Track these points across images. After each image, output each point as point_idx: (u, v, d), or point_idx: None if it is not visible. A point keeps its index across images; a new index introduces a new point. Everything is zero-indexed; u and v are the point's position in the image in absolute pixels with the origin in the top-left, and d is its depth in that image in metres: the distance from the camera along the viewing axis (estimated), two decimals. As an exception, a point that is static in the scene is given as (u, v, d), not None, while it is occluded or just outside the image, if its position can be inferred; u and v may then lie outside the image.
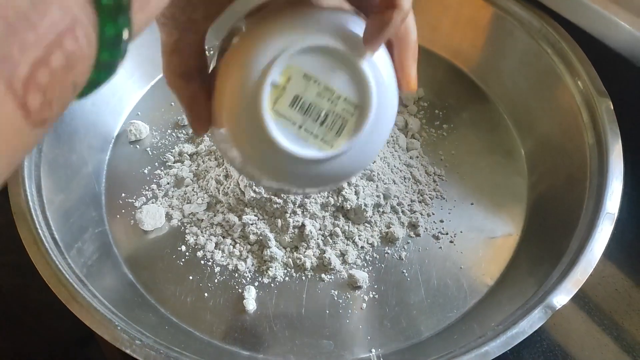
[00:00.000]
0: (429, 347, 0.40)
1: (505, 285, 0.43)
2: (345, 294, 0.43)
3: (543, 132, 0.51)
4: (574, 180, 0.45)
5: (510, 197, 0.49)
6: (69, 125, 0.47)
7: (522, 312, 0.36)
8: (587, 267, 0.37)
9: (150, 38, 0.55)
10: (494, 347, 0.34)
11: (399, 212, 0.46)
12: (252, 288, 0.43)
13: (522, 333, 0.34)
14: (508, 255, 0.45)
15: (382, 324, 0.41)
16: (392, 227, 0.45)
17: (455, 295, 0.43)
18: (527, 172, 0.50)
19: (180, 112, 0.53)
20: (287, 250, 0.45)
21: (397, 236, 0.45)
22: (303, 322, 0.41)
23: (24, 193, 0.40)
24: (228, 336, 0.41)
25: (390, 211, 0.46)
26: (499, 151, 0.52)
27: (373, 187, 0.45)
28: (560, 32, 0.50)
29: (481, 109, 0.55)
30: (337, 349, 0.40)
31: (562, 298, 0.36)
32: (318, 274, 0.44)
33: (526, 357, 0.41)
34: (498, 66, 0.55)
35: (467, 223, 0.47)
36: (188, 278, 0.43)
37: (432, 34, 0.59)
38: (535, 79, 0.52)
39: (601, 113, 0.45)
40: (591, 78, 0.47)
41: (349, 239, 0.45)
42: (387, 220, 0.46)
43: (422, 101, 0.55)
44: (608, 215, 0.39)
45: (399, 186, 0.47)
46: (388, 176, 0.46)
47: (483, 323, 0.40)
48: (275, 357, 0.40)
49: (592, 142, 0.45)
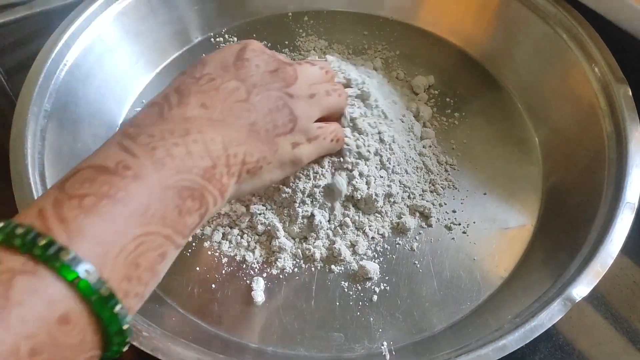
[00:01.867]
0: (442, 340, 0.39)
1: (519, 277, 0.42)
2: (356, 286, 0.42)
3: (558, 120, 0.49)
4: (591, 169, 0.44)
5: (524, 187, 0.48)
6: (73, 114, 0.46)
7: (540, 304, 0.35)
8: (607, 258, 0.36)
9: (154, 24, 0.55)
10: (512, 340, 0.33)
11: (411, 201, 0.45)
12: (260, 279, 0.42)
13: (541, 326, 0.33)
14: (522, 246, 0.44)
15: (394, 317, 0.40)
16: (403, 217, 0.44)
17: (469, 287, 0.42)
18: (541, 161, 0.49)
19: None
20: (296, 241, 0.44)
21: (409, 227, 0.44)
22: (313, 314, 0.41)
23: (28, 182, 0.39)
24: (236, 328, 0.40)
25: (401, 201, 0.45)
26: (512, 140, 0.51)
27: (385, 176, 0.44)
28: (576, 17, 0.48)
29: (493, 97, 0.54)
30: (347, 341, 0.39)
31: (582, 289, 0.35)
32: (328, 265, 0.43)
33: (542, 351, 0.40)
34: (511, 53, 0.54)
35: (480, 213, 0.46)
36: (195, 269, 0.42)
37: (442, 20, 0.58)
38: (550, 65, 0.51)
39: (619, 99, 0.43)
40: (609, 64, 0.45)
41: (359, 229, 0.44)
42: (398, 210, 0.45)
43: (433, 89, 0.54)
44: (628, 205, 0.38)
45: (411, 176, 0.46)
46: (402, 166, 0.45)
47: (498, 316, 0.38)
48: (284, 349, 0.39)
49: (610, 130, 0.43)
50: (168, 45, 0.56)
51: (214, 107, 0.32)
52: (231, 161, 0.31)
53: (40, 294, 0.22)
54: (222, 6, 0.58)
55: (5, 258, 0.23)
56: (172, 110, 0.31)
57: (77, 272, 0.23)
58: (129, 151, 0.28)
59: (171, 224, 0.28)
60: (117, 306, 0.24)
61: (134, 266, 0.25)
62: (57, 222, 0.24)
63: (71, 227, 0.24)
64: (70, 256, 0.23)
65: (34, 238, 0.23)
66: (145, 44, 0.54)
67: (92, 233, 0.24)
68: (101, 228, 0.24)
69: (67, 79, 0.46)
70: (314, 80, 0.37)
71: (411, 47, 0.57)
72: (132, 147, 0.28)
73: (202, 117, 0.31)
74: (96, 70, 0.49)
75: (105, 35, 0.50)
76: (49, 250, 0.23)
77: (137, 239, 0.26)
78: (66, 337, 0.22)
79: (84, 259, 0.23)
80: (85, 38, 0.48)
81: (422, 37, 0.58)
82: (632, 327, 0.41)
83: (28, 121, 0.42)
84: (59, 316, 0.22)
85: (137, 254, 0.26)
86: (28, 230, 0.23)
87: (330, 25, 0.59)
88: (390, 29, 0.59)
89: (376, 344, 0.39)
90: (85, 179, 0.26)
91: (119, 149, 0.28)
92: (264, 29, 0.59)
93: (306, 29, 0.59)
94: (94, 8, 0.49)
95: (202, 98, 0.32)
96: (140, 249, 0.26)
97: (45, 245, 0.23)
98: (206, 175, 0.29)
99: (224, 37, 0.58)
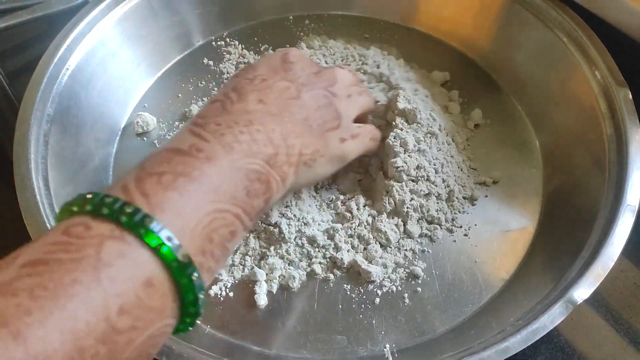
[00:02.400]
0: (445, 342, 0.39)
1: (521, 280, 0.42)
2: (358, 289, 0.42)
3: (559, 122, 0.50)
4: (592, 171, 0.44)
5: (525, 190, 0.48)
6: (75, 117, 0.46)
7: (542, 307, 0.35)
8: (608, 261, 0.36)
9: (156, 28, 0.55)
10: (515, 342, 0.33)
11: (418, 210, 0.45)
12: (263, 283, 0.42)
13: (543, 328, 0.34)
14: (524, 249, 0.44)
15: (396, 319, 0.41)
16: (408, 224, 0.44)
17: (471, 289, 0.42)
18: (542, 164, 0.49)
19: (188, 104, 0.53)
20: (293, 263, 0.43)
21: (414, 234, 0.44)
22: (315, 317, 0.41)
23: (31, 187, 0.39)
24: (239, 331, 0.40)
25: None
26: (513, 143, 0.51)
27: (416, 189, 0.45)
28: (576, 21, 0.49)
29: (494, 100, 0.54)
30: (350, 344, 0.39)
31: (584, 292, 0.35)
32: (330, 271, 0.43)
33: (543, 352, 0.41)
34: (511, 56, 0.54)
35: (482, 216, 0.46)
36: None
37: (442, 23, 0.58)
38: (550, 69, 0.51)
39: (620, 102, 0.44)
40: (609, 67, 0.46)
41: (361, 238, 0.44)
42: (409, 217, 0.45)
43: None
44: (629, 207, 0.38)
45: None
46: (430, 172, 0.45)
47: (500, 318, 0.39)
48: (287, 352, 0.39)
49: (611, 133, 0.44)
50: (169, 49, 0.56)
51: (270, 103, 0.34)
52: (290, 151, 0.34)
53: (127, 257, 0.24)
54: (223, 10, 0.58)
55: (95, 225, 0.24)
56: (234, 105, 0.33)
57: (160, 238, 0.24)
58: (201, 136, 0.30)
59: (240, 204, 0.29)
60: (194, 274, 0.25)
61: (208, 240, 0.27)
62: (140, 195, 0.26)
63: (153, 200, 0.26)
64: (153, 224, 0.24)
65: (121, 207, 0.24)
66: (146, 48, 0.54)
67: (172, 206, 0.26)
68: (179, 202, 0.26)
69: (69, 83, 0.46)
70: (348, 83, 0.41)
71: (412, 50, 0.57)
72: (203, 133, 0.30)
73: (262, 111, 0.33)
74: (98, 74, 0.49)
75: (107, 39, 0.50)
76: (135, 218, 0.24)
77: (211, 214, 0.27)
78: (150, 300, 0.24)
79: (165, 227, 0.25)
80: (87, 42, 0.48)
81: (422, 40, 0.59)
82: (632, 328, 0.42)
83: (31, 126, 0.42)
84: (144, 279, 0.24)
85: (211, 228, 0.27)
86: (115, 200, 0.25)
87: (331, 29, 0.59)
88: (390, 32, 0.59)
89: (379, 347, 0.39)
90: (163, 160, 0.28)
91: (191, 135, 0.30)
92: (265, 32, 0.59)
93: (307, 32, 0.59)
94: (96, 12, 0.49)
95: (258, 95, 0.34)
96: (214, 224, 0.27)
97: (131, 213, 0.24)
98: (270, 162, 0.32)
99: (225, 41, 0.58)
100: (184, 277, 0.25)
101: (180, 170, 0.28)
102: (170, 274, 0.25)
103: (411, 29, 0.60)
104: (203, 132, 0.31)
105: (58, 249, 0.23)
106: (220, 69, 0.56)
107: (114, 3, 0.50)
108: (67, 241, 0.23)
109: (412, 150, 0.45)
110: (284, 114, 0.35)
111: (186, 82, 0.55)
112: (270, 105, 0.34)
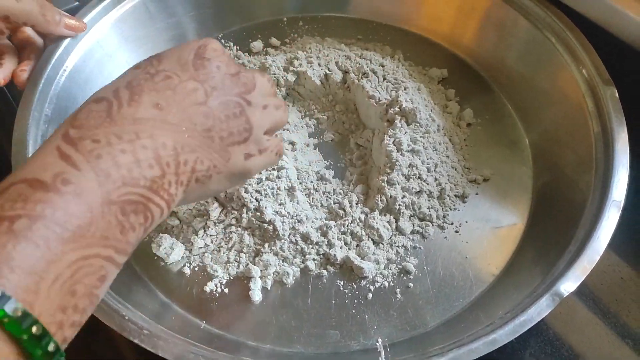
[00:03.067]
0: (435, 335, 0.40)
1: (511, 275, 0.43)
2: (351, 284, 0.43)
3: (548, 121, 0.51)
4: (580, 169, 0.45)
5: (515, 187, 0.49)
6: (67, 115, 0.47)
7: (530, 300, 0.36)
8: (594, 255, 0.37)
9: (152, 30, 0.55)
10: (502, 334, 0.34)
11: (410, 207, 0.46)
12: (257, 279, 0.42)
13: (530, 320, 0.34)
14: (513, 245, 0.45)
15: (389, 314, 0.41)
16: (400, 221, 0.45)
17: (461, 284, 0.43)
18: (531, 162, 0.50)
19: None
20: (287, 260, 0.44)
21: (405, 231, 0.45)
22: (309, 312, 0.41)
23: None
24: (234, 326, 0.41)
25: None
26: (503, 141, 0.52)
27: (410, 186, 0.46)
28: (564, 21, 0.50)
29: (484, 99, 0.55)
30: (343, 338, 0.40)
31: (570, 285, 0.36)
32: (324, 267, 0.44)
33: (533, 345, 0.41)
34: (501, 56, 0.55)
35: (472, 213, 0.47)
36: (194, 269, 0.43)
37: (433, 24, 0.59)
38: (539, 68, 0.52)
39: (606, 101, 0.45)
40: (596, 66, 0.47)
41: (354, 235, 0.45)
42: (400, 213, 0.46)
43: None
44: (614, 203, 0.39)
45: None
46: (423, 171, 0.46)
47: (489, 312, 0.39)
48: (282, 347, 0.40)
49: (598, 130, 0.44)
50: (165, 51, 0.57)
51: (169, 108, 0.29)
52: (181, 169, 0.29)
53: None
54: (218, 12, 0.59)
55: None
56: (122, 109, 0.28)
57: (5, 310, 0.21)
58: (70, 160, 0.25)
59: (113, 244, 0.25)
60: (50, 345, 0.23)
61: (70, 295, 0.23)
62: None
63: (0, 257, 0.22)
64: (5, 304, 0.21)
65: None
66: (143, 49, 0.55)
67: (23, 262, 0.22)
68: (34, 256, 0.22)
69: (67, 84, 0.47)
70: (266, 92, 0.35)
71: (405, 51, 0.58)
72: (74, 155, 0.25)
73: (155, 119, 0.28)
74: (95, 75, 0.50)
75: (104, 41, 0.51)
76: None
77: (74, 264, 0.23)
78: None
79: (13, 295, 0.21)
80: (84, 44, 0.49)
81: (414, 40, 0.60)
82: (620, 321, 0.42)
83: (29, 127, 0.43)
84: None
85: (73, 281, 0.23)
86: None
87: (324, 30, 0.60)
88: (383, 33, 0.60)
89: (371, 341, 0.40)
90: (18, 197, 0.23)
91: (58, 157, 0.25)
92: (259, 33, 0.60)
93: (301, 33, 0.60)
94: (93, 14, 0.50)
95: (156, 97, 0.29)
96: (77, 275, 0.24)
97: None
98: (153, 187, 0.27)
99: (220, 42, 0.59)
100: (37, 349, 0.22)
101: (37, 213, 0.23)
102: (22, 346, 0.22)
103: (403, 30, 0.60)
104: (74, 155, 0.25)
105: None
106: (216, 70, 0.56)
107: (110, 5, 0.51)
108: None
109: (405, 150, 0.46)
110: (183, 123, 0.29)
111: (182, 83, 0.55)
112: (167, 112, 0.29)
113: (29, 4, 0.41)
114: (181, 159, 0.29)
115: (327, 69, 0.53)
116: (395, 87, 0.51)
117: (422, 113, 0.48)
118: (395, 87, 0.51)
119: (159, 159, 0.28)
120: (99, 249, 0.25)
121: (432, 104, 0.51)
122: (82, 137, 0.26)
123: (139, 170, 0.27)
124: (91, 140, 0.26)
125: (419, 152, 0.46)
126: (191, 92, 0.30)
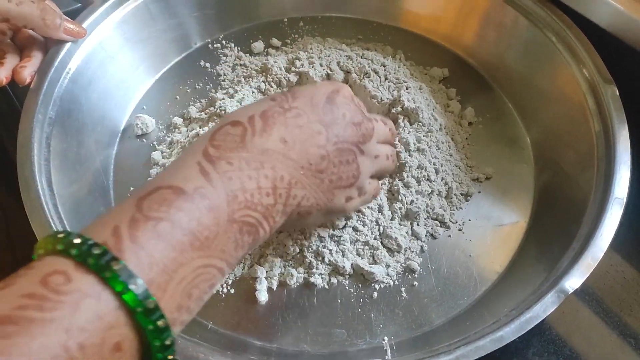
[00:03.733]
0: (441, 333, 0.40)
1: (514, 272, 0.44)
2: (357, 284, 0.43)
3: (548, 120, 0.51)
4: (581, 167, 0.45)
5: (517, 185, 0.49)
6: (76, 120, 0.47)
7: (535, 297, 0.36)
8: (598, 251, 0.37)
9: (154, 31, 0.56)
10: (508, 331, 0.34)
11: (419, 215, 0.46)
12: (263, 280, 0.43)
13: (536, 317, 0.35)
14: (516, 243, 0.46)
15: (394, 312, 0.42)
16: (414, 225, 0.45)
17: (466, 283, 0.43)
18: (533, 160, 0.51)
19: (186, 106, 0.53)
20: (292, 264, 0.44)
21: (420, 235, 0.45)
22: (315, 311, 0.42)
23: (36, 188, 0.40)
24: (241, 326, 0.41)
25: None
26: (505, 140, 0.52)
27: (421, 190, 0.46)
28: (564, 21, 0.50)
29: (485, 98, 0.55)
30: (349, 337, 0.40)
31: (575, 282, 0.36)
32: (333, 275, 0.44)
33: (535, 345, 0.42)
34: (502, 55, 0.56)
35: (475, 211, 0.47)
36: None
37: (434, 24, 0.60)
38: (539, 67, 0.52)
39: (607, 99, 0.45)
40: (596, 65, 0.47)
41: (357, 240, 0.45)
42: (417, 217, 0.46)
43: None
44: (617, 200, 0.40)
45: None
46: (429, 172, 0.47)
47: (494, 309, 0.40)
48: (288, 346, 0.40)
49: (599, 129, 0.45)
50: (168, 52, 0.57)
51: (293, 144, 0.32)
52: (289, 202, 0.32)
53: (103, 320, 0.23)
54: (220, 13, 0.59)
55: (77, 277, 0.23)
56: (254, 137, 0.31)
57: (142, 303, 0.24)
58: (209, 177, 0.29)
59: (226, 257, 0.28)
60: (168, 339, 0.25)
61: (187, 296, 0.26)
62: (130, 243, 0.25)
63: (142, 255, 0.25)
64: (136, 285, 0.24)
65: (107, 263, 0.23)
66: (145, 51, 0.55)
67: (160, 261, 0.25)
68: (169, 257, 0.25)
69: (70, 86, 0.47)
70: (382, 139, 0.39)
71: (405, 51, 0.58)
72: (212, 173, 0.29)
73: (279, 152, 0.31)
74: (98, 77, 0.50)
75: (107, 42, 0.51)
76: (120, 278, 0.23)
77: (197, 270, 0.26)
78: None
79: (149, 287, 0.24)
80: (87, 46, 0.49)
81: (415, 40, 0.60)
82: (622, 321, 0.43)
83: (34, 128, 0.43)
84: (114, 344, 0.23)
85: (192, 285, 0.26)
86: (103, 252, 0.24)
87: (325, 30, 0.61)
88: (384, 33, 0.60)
89: (377, 339, 0.40)
90: (163, 201, 0.27)
91: (199, 172, 0.29)
92: (260, 34, 0.60)
93: (302, 34, 0.60)
94: (95, 16, 0.50)
95: (284, 132, 0.32)
96: (196, 280, 0.26)
97: (116, 272, 0.23)
98: (266, 213, 0.30)
99: (221, 43, 0.59)
100: (156, 340, 0.24)
101: (178, 219, 0.26)
102: (144, 335, 0.24)
103: (404, 30, 0.61)
104: (212, 173, 0.29)
105: (32, 305, 0.22)
106: (217, 71, 0.57)
107: (112, 7, 0.51)
108: (42, 295, 0.22)
109: (412, 150, 0.46)
110: (302, 161, 0.32)
111: (184, 84, 0.56)
112: (290, 148, 0.32)
113: (29, 8, 0.42)
114: (292, 193, 0.32)
115: (329, 69, 0.54)
116: (397, 87, 0.51)
117: (425, 112, 0.48)
118: (397, 87, 0.51)
119: (275, 190, 0.31)
120: (216, 260, 0.28)
121: (433, 103, 0.52)
122: (219, 157, 0.30)
123: (259, 197, 0.30)
124: (226, 162, 0.30)
125: (425, 152, 0.47)
126: (315, 134, 0.33)
